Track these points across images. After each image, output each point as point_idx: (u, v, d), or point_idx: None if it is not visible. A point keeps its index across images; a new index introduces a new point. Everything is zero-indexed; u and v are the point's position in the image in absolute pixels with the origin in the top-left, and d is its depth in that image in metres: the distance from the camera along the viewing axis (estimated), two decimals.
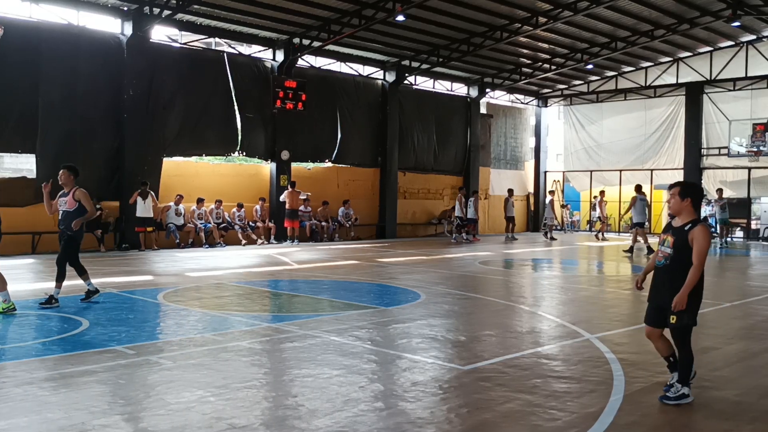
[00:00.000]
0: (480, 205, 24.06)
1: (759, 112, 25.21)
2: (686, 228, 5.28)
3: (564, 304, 10.63)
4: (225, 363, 6.29)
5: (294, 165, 22.00)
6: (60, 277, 9.26)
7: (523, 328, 8.48)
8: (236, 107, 20.40)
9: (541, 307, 10.20)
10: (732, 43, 25.56)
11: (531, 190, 31.70)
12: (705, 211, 27.57)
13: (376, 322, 8.44)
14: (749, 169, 25.71)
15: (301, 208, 21.66)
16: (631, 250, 19.45)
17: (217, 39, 20.86)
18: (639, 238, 19.29)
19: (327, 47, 21.47)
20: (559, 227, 31.33)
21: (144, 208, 17.65)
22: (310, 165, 23.18)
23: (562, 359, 6.76)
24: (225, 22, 19.45)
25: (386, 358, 6.67)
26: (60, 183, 9.48)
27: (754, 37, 24.99)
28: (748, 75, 25.55)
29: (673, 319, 5.27)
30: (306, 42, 20.89)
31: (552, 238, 25.23)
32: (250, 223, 20.78)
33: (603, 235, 26.07)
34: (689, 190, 5.41)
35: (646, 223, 21.11)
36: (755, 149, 24.63)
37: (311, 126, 22.19)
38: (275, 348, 7.04)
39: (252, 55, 21.36)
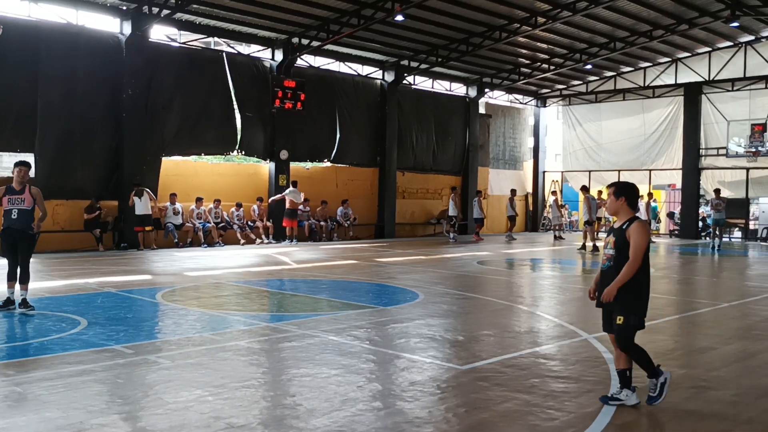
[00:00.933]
0: (476, 205, 24.06)
1: (757, 113, 25.22)
2: (624, 227, 5.26)
3: (562, 304, 10.65)
4: (223, 362, 6.30)
5: (293, 165, 22.00)
6: (26, 279, 8.66)
7: (521, 328, 8.49)
8: (236, 106, 20.42)
9: (539, 307, 10.21)
10: (731, 43, 25.57)
11: (530, 190, 31.72)
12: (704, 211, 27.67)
13: (374, 321, 8.45)
14: (747, 169, 25.73)
15: (300, 207, 21.66)
16: (583, 247, 20.46)
17: (216, 38, 20.88)
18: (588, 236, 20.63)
19: (326, 47, 21.46)
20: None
21: (143, 207, 17.64)
22: (309, 165, 23.19)
23: (560, 359, 6.77)
24: (224, 22, 19.45)
25: (384, 357, 6.68)
26: (18, 180, 8.62)
27: (752, 37, 25.01)
28: (747, 75, 25.57)
29: (619, 320, 5.14)
30: (305, 42, 20.89)
31: (561, 237, 25.46)
32: (249, 222, 20.79)
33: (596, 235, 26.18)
34: (623, 189, 5.37)
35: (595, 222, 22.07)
36: (753, 149, 24.65)
37: (310, 126, 22.19)
38: (273, 347, 7.05)
39: (251, 54, 21.36)
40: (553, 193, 27.19)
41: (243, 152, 20.84)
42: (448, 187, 27.41)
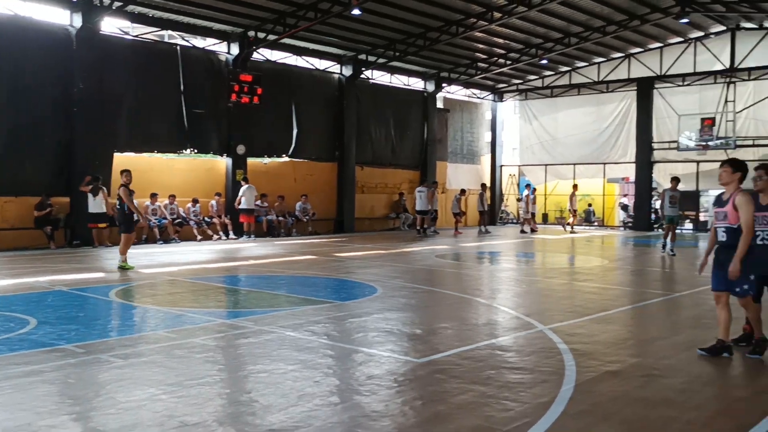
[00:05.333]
0: (435, 198, 24.16)
1: (707, 107, 25.87)
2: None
3: (519, 296, 10.78)
4: (178, 360, 6.20)
5: (250, 160, 21.77)
6: None
7: (478, 321, 8.56)
8: (186, 102, 20.00)
9: (497, 300, 10.31)
10: (681, 39, 26.16)
11: (487, 183, 31.97)
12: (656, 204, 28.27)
13: (332, 316, 8.42)
14: (698, 162, 26.36)
15: (257, 203, 21.48)
16: (421, 231, 22.86)
17: (170, 32, 20.50)
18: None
19: (283, 41, 21.29)
20: (516, 220, 31.77)
21: (96, 204, 17.27)
22: (267, 160, 22.97)
23: (516, 350, 6.85)
24: (178, 15, 19.12)
25: (342, 352, 6.66)
26: None
27: (701, 33, 25.62)
28: (697, 71, 26.20)
29: None
30: (261, 35, 20.67)
31: (532, 231, 25.93)
32: (206, 218, 20.53)
33: (572, 227, 26.66)
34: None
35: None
36: (703, 143, 25.28)
37: (267, 120, 21.99)
38: (230, 344, 6.97)
39: (206, 48, 21.05)
40: (527, 187, 27.50)
41: (195, 150, 20.48)
42: (407, 182, 27.53)
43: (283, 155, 23.19)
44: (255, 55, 21.49)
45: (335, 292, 10.96)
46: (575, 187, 26.52)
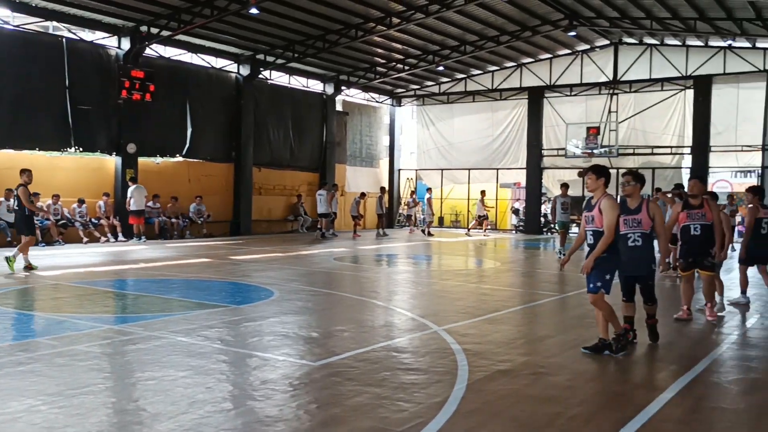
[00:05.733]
0: (335, 201, 24.18)
1: (592, 117, 27.24)
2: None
3: (415, 298, 10.94)
4: (59, 369, 5.87)
5: (141, 159, 20.97)
6: None
7: (375, 323, 8.61)
8: (72, 98, 19.03)
9: (393, 302, 10.41)
10: (569, 51, 27.42)
11: (386, 187, 32.28)
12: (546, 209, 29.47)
13: (226, 321, 8.24)
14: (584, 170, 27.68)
15: (149, 204, 20.73)
16: (323, 234, 23.22)
17: (55, 23, 19.43)
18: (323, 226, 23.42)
19: (177, 37, 20.66)
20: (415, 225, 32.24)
21: None
22: (159, 159, 22.19)
23: (411, 351, 6.94)
24: (64, 5, 18.15)
25: (236, 357, 6.52)
26: None
27: (588, 46, 26.96)
28: (583, 82, 27.54)
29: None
30: (154, 30, 19.95)
31: (427, 233, 26.31)
32: (93, 219, 19.61)
33: (486, 230, 27.32)
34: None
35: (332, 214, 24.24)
36: (589, 151, 26.58)
37: (160, 118, 21.26)
38: (117, 351, 6.67)
39: (95, 41, 20.12)
40: (429, 190, 27.89)
41: (80, 149, 19.49)
42: (306, 184, 27.37)
43: (177, 155, 22.48)
44: (148, 51, 20.74)
45: (230, 296, 10.72)
46: (483, 193, 27.28)
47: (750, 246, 10.05)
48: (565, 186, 18.55)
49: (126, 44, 20.05)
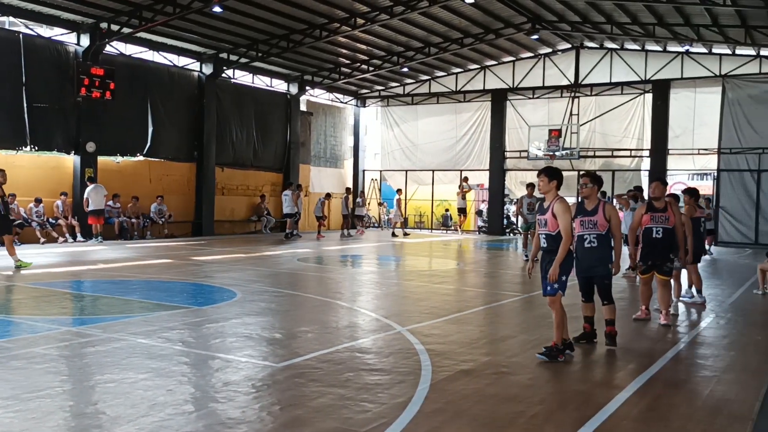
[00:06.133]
0: (300, 201, 24.06)
1: (554, 119, 27.59)
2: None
3: (379, 299, 10.95)
4: (14, 372, 5.74)
5: (101, 158, 20.60)
6: None
7: (339, 324, 8.60)
8: (28, 95, 18.57)
9: (357, 302, 10.41)
10: (532, 54, 27.73)
11: (350, 187, 32.26)
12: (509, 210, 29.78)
13: (188, 322, 8.14)
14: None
15: (109, 203, 20.38)
16: (289, 235, 23.21)
17: (11, 18, 18.96)
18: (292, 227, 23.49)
19: (138, 35, 20.36)
20: (376, 225, 32.30)
21: None
22: (120, 158, 21.81)
23: (375, 352, 6.95)
24: (21, 0, 17.74)
25: (198, 359, 6.45)
26: None
27: (550, 50, 27.30)
28: (545, 85, 27.88)
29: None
30: (115, 27, 19.60)
31: (403, 234, 26.41)
32: (50, 219, 19.20)
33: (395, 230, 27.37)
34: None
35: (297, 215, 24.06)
36: (551, 153, 26.92)
37: (121, 117, 20.89)
38: (75, 353, 6.55)
39: (53, 38, 19.68)
40: (399, 191, 27.92)
41: (36, 147, 19.03)
42: (269, 184, 27.19)
43: (138, 154, 22.12)
44: (108, 48, 20.38)
45: (192, 297, 10.61)
46: (399, 191, 27.45)
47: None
48: (531, 186, 18.20)
49: (85, 41, 19.67)
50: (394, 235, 26.51)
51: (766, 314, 10.54)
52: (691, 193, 10.58)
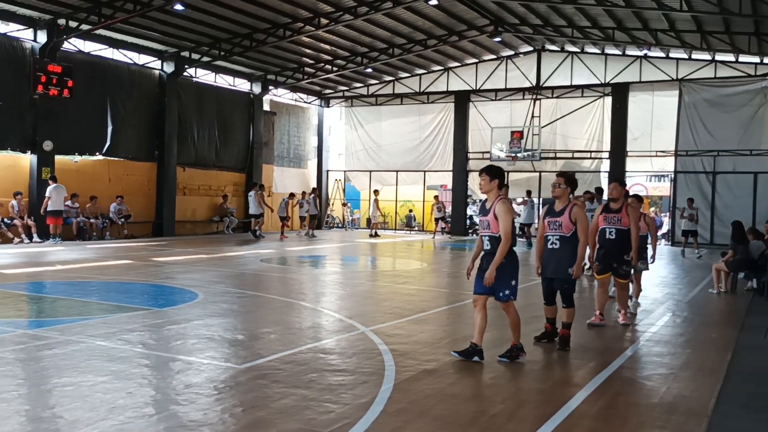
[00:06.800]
0: (261, 201, 23.87)
1: (516, 121, 27.88)
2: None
3: (342, 299, 10.94)
4: None
5: (59, 157, 20.17)
6: None
7: (302, 324, 8.57)
8: None
9: (321, 303, 10.39)
10: (494, 56, 28.00)
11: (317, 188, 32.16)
12: (471, 211, 29.99)
13: (148, 324, 8.03)
14: (507, 172, 28.29)
15: (68, 203, 19.97)
16: (255, 233, 23.39)
17: None
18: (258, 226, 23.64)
19: (98, 32, 20.00)
20: (341, 225, 32.26)
21: None
22: (78, 158, 21.37)
23: (339, 353, 6.94)
24: None
25: (159, 361, 6.37)
26: None
27: (512, 52, 27.60)
28: (507, 87, 28.17)
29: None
30: (73, 24, 19.24)
31: (375, 234, 26.44)
32: (6, 219, 18.74)
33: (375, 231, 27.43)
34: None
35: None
36: (513, 155, 27.22)
37: (79, 115, 20.48)
38: (31, 356, 6.40)
39: (9, 34, 19.20)
40: (376, 192, 27.88)
41: None
42: (232, 184, 26.95)
43: (97, 153, 21.71)
44: (66, 45, 19.97)
45: (152, 299, 10.46)
46: (377, 192, 27.56)
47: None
48: (505, 187, 18.31)
49: (42, 37, 19.24)
50: (376, 235, 26.38)
51: (721, 313, 10.82)
52: (638, 198, 10.52)
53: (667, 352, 7.53)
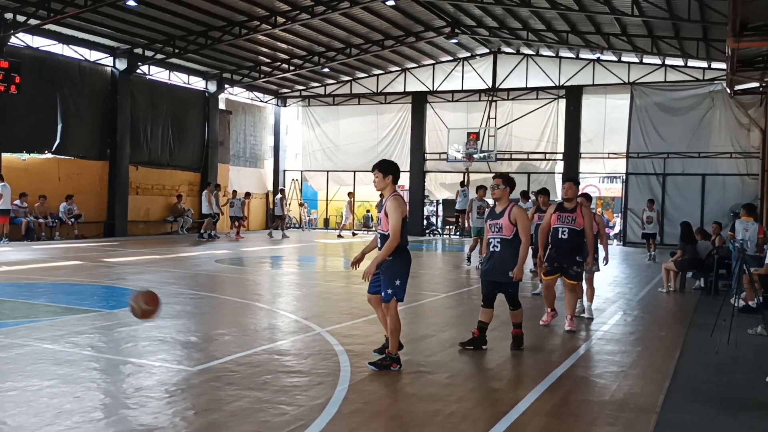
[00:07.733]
0: (214, 201, 23.56)
1: (473, 122, 28.10)
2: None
3: (298, 300, 10.86)
4: None
5: (6, 155, 19.57)
6: None
7: (257, 326, 8.48)
8: None
9: (277, 304, 10.30)
10: (451, 58, 28.19)
11: (270, 188, 31.88)
12: (426, 211, 30.10)
13: (98, 326, 7.84)
14: (464, 172, 28.51)
15: (16, 202, 19.40)
16: (203, 235, 22.88)
17: None
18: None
19: (47, 26, 19.47)
20: (297, 225, 32.05)
21: None
22: (26, 156, 20.77)
23: (294, 354, 6.88)
24: None
25: (108, 364, 6.22)
26: None
27: (469, 54, 27.82)
28: (464, 88, 28.39)
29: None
30: (21, 18, 18.69)
31: (340, 236, 26.30)
32: None
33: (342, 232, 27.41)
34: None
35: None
36: (469, 155, 27.43)
37: (27, 112, 19.90)
38: None
39: None
40: (350, 194, 27.70)
41: None
42: (186, 184, 26.54)
43: (46, 151, 21.15)
44: (13, 40, 19.38)
45: (103, 300, 10.23)
46: (351, 194, 27.50)
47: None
48: (482, 189, 16.23)
49: None
50: (340, 237, 26.24)
51: (670, 312, 11.08)
52: (588, 197, 10.20)
53: (619, 350, 7.67)
